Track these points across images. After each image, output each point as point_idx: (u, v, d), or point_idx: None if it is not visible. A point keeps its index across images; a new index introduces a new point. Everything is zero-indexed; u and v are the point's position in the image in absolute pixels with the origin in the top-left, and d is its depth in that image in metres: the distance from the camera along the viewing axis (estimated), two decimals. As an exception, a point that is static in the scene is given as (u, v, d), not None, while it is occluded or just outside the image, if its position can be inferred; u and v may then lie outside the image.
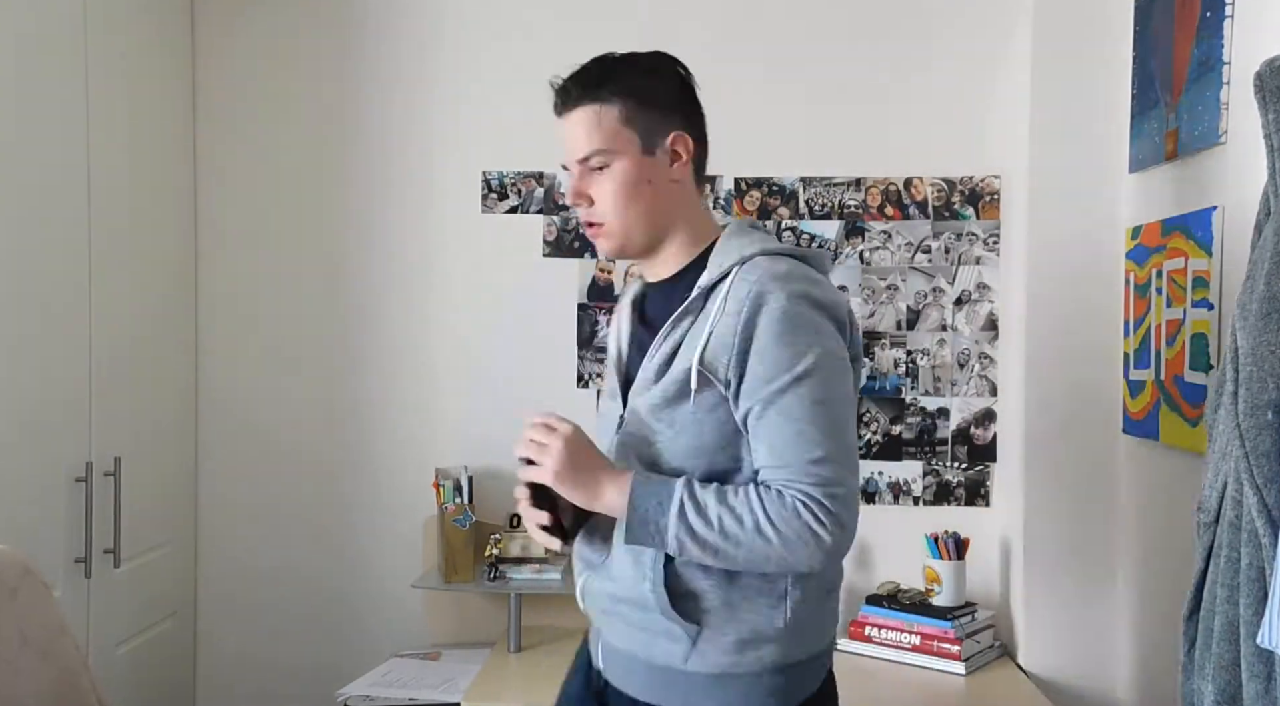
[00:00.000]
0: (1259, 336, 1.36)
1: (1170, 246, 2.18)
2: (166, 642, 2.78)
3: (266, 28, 2.89)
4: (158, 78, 2.73)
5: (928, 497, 2.78)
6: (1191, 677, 1.53)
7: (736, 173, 2.80)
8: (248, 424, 2.91)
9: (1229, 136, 1.94)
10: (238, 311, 2.91)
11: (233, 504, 2.91)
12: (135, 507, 2.52)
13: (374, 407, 2.88)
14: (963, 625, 2.50)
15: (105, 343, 2.44)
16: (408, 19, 2.85)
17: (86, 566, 2.35)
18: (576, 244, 2.83)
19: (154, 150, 2.71)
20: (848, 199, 2.78)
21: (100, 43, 2.42)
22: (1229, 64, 1.95)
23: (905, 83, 2.77)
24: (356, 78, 2.87)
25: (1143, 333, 2.32)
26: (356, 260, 2.88)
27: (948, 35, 2.76)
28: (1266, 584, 1.32)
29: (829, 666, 1.57)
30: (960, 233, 2.76)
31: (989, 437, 2.76)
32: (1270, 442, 1.32)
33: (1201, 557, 1.53)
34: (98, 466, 2.38)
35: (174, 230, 2.81)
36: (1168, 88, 2.20)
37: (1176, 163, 2.18)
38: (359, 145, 2.87)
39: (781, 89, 2.79)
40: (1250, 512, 1.34)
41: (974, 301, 2.76)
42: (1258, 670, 1.33)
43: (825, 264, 1.54)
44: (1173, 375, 2.15)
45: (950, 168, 2.76)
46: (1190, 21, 2.09)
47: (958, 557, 2.59)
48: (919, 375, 2.78)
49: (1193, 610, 1.55)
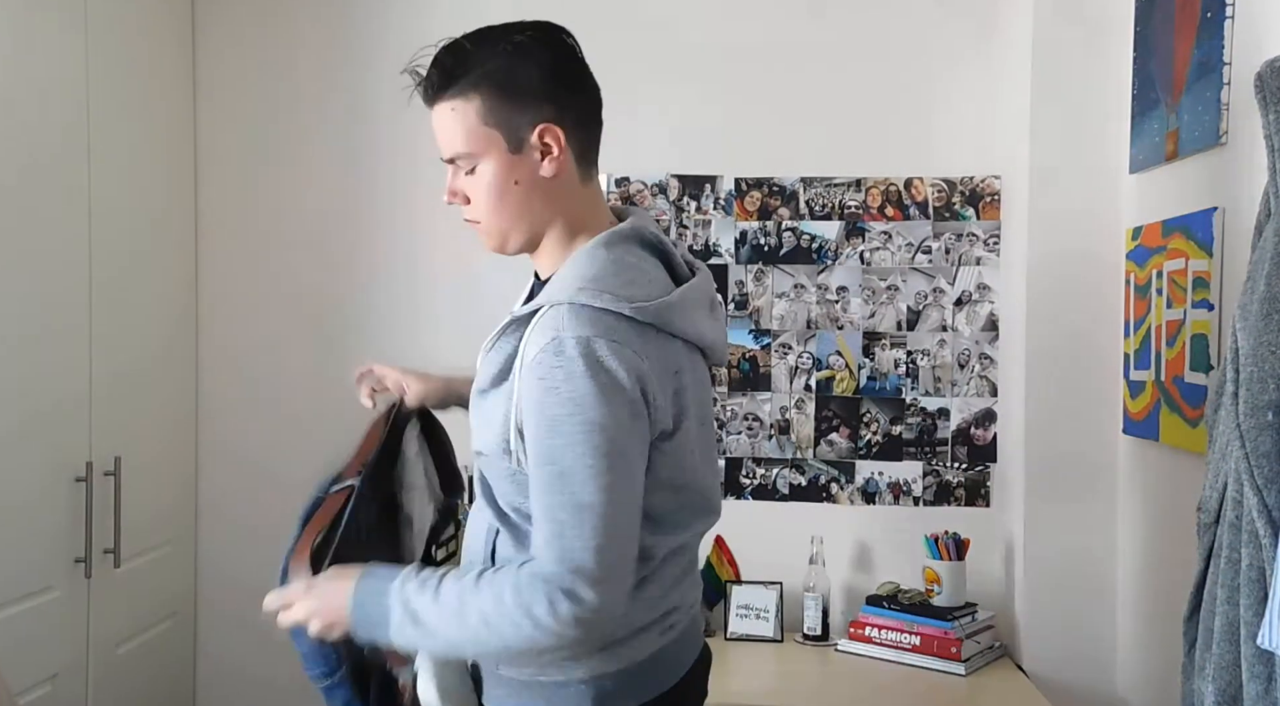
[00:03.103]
0: (1259, 337, 1.36)
1: (1171, 247, 2.18)
2: (166, 643, 2.78)
3: (267, 24, 2.89)
4: (158, 76, 2.73)
5: (928, 498, 2.78)
6: (1192, 678, 1.53)
7: (737, 173, 2.80)
8: (248, 423, 2.91)
9: (1229, 137, 1.94)
10: (238, 311, 2.91)
11: (233, 504, 2.91)
12: (135, 507, 2.52)
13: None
14: (963, 625, 2.50)
15: (105, 342, 2.43)
16: (408, 16, 2.85)
17: (86, 566, 2.34)
18: (577, 244, 2.83)
19: (154, 148, 2.71)
20: (848, 199, 2.78)
21: (101, 39, 2.42)
22: (1229, 64, 1.95)
23: (905, 83, 2.77)
24: (358, 74, 2.87)
25: (1143, 333, 2.32)
26: (357, 258, 2.88)
27: (948, 35, 2.76)
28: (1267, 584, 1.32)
29: (665, 677, 1.47)
30: (960, 233, 2.76)
31: (989, 438, 2.76)
32: (1270, 443, 1.32)
33: (1202, 558, 1.53)
34: (98, 466, 2.38)
35: (174, 229, 2.81)
36: (1168, 88, 2.20)
37: (1177, 163, 2.18)
38: (360, 141, 2.87)
39: (782, 89, 2.79)
40: (1250, 513, 1.34)
41: (974, 302, 2.76)
42: (1258, 671, 1.33)
43: (662, 318, 1.35)
44: (1173, 376, 2.15)
45: (950, 168, 2.76)
46: (1190, 22, 2.09)
47: (958, 558, 2.59)
48: (919, 375, 2.78)
49: (1193, 610, 1.55)
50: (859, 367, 2.78)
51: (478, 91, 1.37)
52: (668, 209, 2.81)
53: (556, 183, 1.41)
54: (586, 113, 1.43)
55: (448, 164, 1.44)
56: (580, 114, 1.42)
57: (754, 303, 2.80)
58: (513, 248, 1.46)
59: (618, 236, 1.42)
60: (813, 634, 2.65)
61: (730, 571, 2.74)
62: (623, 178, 2.82)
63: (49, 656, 2.25)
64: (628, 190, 2.82)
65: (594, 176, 1.47)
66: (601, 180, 2.81)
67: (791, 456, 2.80)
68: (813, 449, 2.80)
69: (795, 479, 2.80)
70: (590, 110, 1.44)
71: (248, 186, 2.90)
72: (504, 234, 1.44)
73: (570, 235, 1.44)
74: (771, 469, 2.81)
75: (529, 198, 1.40)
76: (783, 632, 2.67)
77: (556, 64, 1.40)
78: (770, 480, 2.81)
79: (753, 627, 2.67)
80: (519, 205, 1.41)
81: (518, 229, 1.43)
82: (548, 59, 1.39)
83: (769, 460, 2.81)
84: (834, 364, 2.79)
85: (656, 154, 2.81)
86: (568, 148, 1.39)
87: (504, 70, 1.37)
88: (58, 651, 2.29)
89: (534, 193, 1.40)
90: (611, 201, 2.81)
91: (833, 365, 2.79)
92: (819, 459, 2.80)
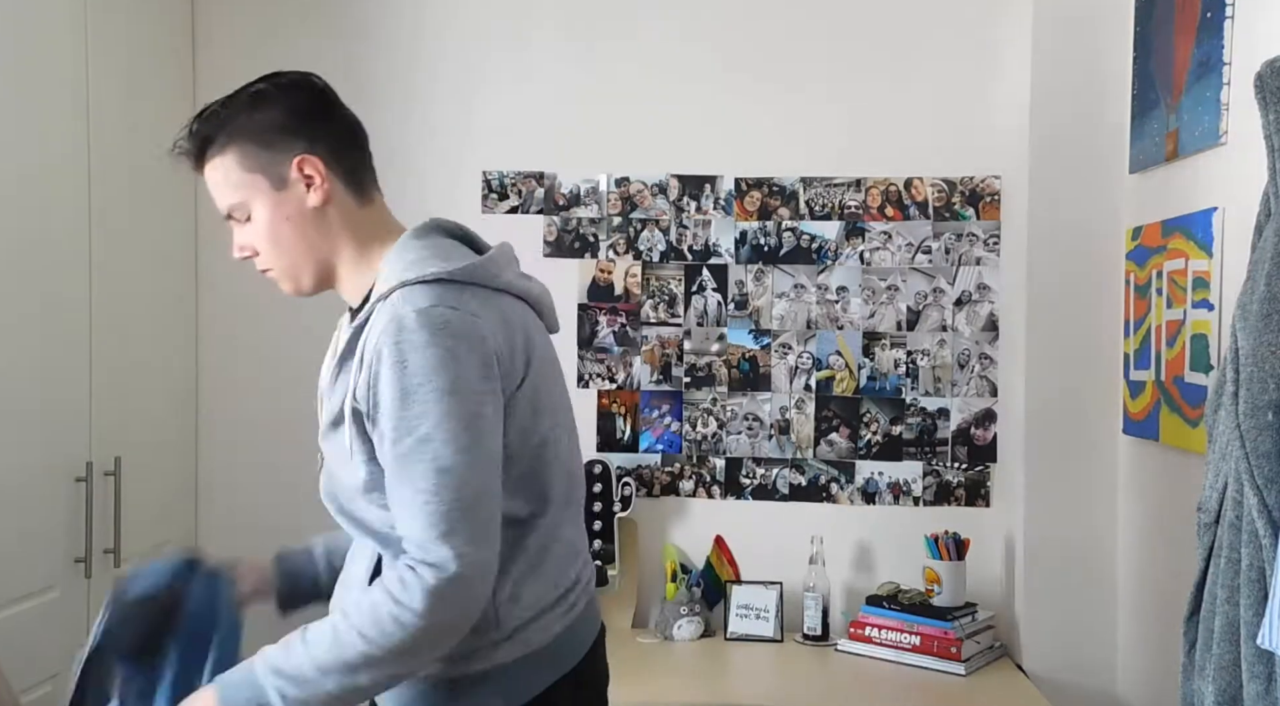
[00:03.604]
0: (1259, 337, 1.36)
1: (1170, 247, 2.18)
2: (166, 642, 2.78)
3: (267, 26, 2.89)
4: (158, 76, 2.73)
5: (928, 498, 2.78)
6: (1192, 678, 1.53)
7: (737, 173, 2.80)
8: (248, 423, 2.90)
9: (1229, 137, 1.94)
10: (238, 311, 2.91)
11: (233, 504, 2.91)
12: (135, 507, 2.52)
13: (374, 408, 2.88)
14: (963, 625, 2.50)
15: (105, 342, 2.43)
16: (408, 18, 2.85)
17: (86, 566, 2.34)
18: (577, 244, 2.83)
19: (154, 148, 2.70)
20: (848, 199, 2.78)
21: (100, 39, 2.42)
22: (1229, 64, 1.95)
23: (905, 83, 2.77)
24: (357, 77, 2.87)
25: (1143, 333, 2.32)
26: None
27: (948, 35, 2.76)
28: (1267, 584, 1.32)
29: (569, 656, 1.48)
30: (960, 233, 2.76)
31: (989, 438, 2.76)
32: (1271, 443, 1.32)
33: (1202, 558, 1.53)
34: (98, 466, 2.38)
35: (174, 229, 2.81)
36: (1168, 88, 2.20)
37: (1177, 163, 2.18)
38: (359, 145, 2.87)
39: (782, 89, 2.79)
40: (1251, 513, 1.34)
41: (974, 302, 2.76)
42: (1258, 671, 1.33)
43: (486, 273, 1.42)
44: (1173, 376, 2.15)
45: (950, 168, 2.76)
46: (1190, 22, 2.09)
47: (958, 558, 2.59)
48: (919, 375, 2.78)
49: (1193, 610, 1.55)
50: (859, 367, 2.78)
51: (232, 143, 1.45)
52: (668, 209, 2.81)
53: (329, 210, 1.46)
54: (342, 139, 1.49)
55: (228, 221, 1.50)
56: (335, 142, 1.47)
57: (754, 303, 2.80)
58: (308, 284, 1.50)
59: (422, 229, 1.49)
60: (813, 634, 2.65)
61: (730, 571, 2.74)
62: (623, 178, 2.82)
63: (49, 656, 2.25)
64: (628, 190, 2.82)
65: (373, 196, 1.52)
66: (601, 180, 2.81)
67: (791, 456, 2.80)
68: (813, 449, 2.80)
69: (795, 479, 2.80)
70: (345, 136, 1.50)
71: (248, 186, 2.90)
72: (293, 272, 1.49)
73: (363, 255, 1.48)
74: (771, 469, 2.81)
75: (303, 230, 1.46)
76: (783, 632, 2.67)
77: (296, 102, 1.47)
78: (770, 480, 2.81)
79: (753, 627, 2.67)
80: (295, 239, 1.46)
81: (304, 264, 1.48)
82: (287, 99, 1.46)
83: (769, 460, 2.81)
84: (834, 364, 2.79)
85: (656, 154, 2.81)
86: (329, 175, 1.45)
87: (248, 119, 1.45)
88: (58, 651, 2.28)
89: (307, 224, 1.46)
90: (611, 202, 2.81)
91: (833, 365, 2.79)
92: (819, 459, 2.80)
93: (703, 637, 2.68)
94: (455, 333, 1.33)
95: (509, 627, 1.41)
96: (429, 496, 1.30)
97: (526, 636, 1.42)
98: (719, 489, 2.82)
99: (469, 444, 1.32)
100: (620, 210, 2.82)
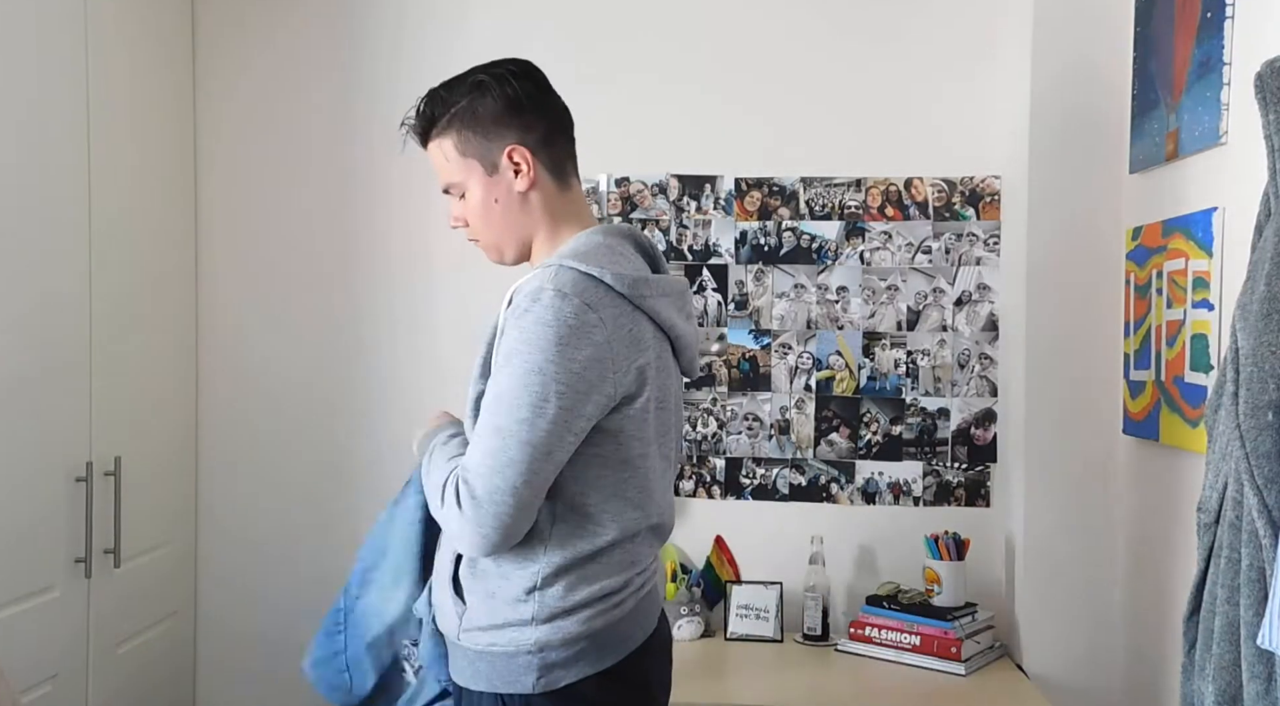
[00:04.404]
0: (1259, 337, 1.36)
1: (1171, 247, 2.18)
2: (166, 642, 2.78)
3: (268, 25, 2.89)
4: (158, 75, 2.73)
5: (928, 498, 2.78)
6: (1192, 678, 1.53)
7: (737, 173, 2.80)
8: (248, 423, 2.91)
9: (1229, 137, 1.94)
10: (238, 311, 2.91)
11: (233, 504, 2.91)
12: (135, 507, 2.52)
13: (376, 406, 2.88)
14: (963, 625, 2.50)
15: (105, 342, 2.44)
16: (409, 17, 2.85)
17: (86, 566, 2.35)
18: (577, 244, 2.83)
19: (154, 148, 2.71)
20: (848, 199, 2.78)
21: (101, 39, 2.42)
22: (1229, 64, 1.95)
23: (905, 83, 2.77)
24: (358, 76, 2.87)
25: (1143, 333, 2.32)
26: (358, 259, 2.89)
27: (948, 35, 2.76)
28: (1267, 584, 1.32)
29: (610, 652, 1.56)
30: (960, 233, 2.76)
31: (989, 438, 2.76)
32: (1271, 443, 1.32)
33: (1202, 558, 1.53)
34: (98, 466, 2.38)
35: (174, 229, 2.81)
36: (1168, 88, 2.20)
37: (1177, 163, 2.18)
38: (360, 144, 2.87)
39: (782, 89, 2.79)
40: (1251, 513, 1.35)
41: (974, 302, 2.76)
42: (1258, 671, 1.33)
43: (636, 290, 1.53)
44: (1173, 376, 2.15)
45: (950, 168, 2.76)
46: (1190, 22, 2.09)
47: (958, 558, 2.59)
48: (919, 375, 2.78)
49: (1193, 610, 1.55)
50: (859, 367, 2.78)
51: (451, 127, 1.61)
52: (668, 209, 2.81)
53: (533, 194, 1.62)
54: (551, 131, 1.64)
55: (446, 193, 1.67)
56: (544, 133, 1.62)
57: (754, 303, 2.80)
58: (510, 257, 1.68)
59: (613, 229, 1.64)
60: (813, 634, 2.65)
61: (730, 571, 2.74)
62: (623, 178, 2.82)
63: (49, 656, 2.25)
64: (628, 190, 2.82)
65: (572, 184, 1.67)
66: (601, 180, 2.82)
67: (791, 456, 2.80)
68: (813, 449, 2.80)
69: (795, 479, 2.80)
70: (554, 128, 1.65)
71: (248, 187, 2.90)
72: (498, 245, 1.66)
73: (555, 236, 1.64)
74: (771, 469, 2.81)
75: (509, 210, 1.63)
76: (783, 632, 2.67)
77: (514, 94, 1.60)
78: (770, 480, 2.81)
79: (753, 627, 2.67)
80: (503, 218, 1.63)
81: (508, 239, 1.65)
82: (505, 92, 1.60)
83: (769, 460, 2.81)
84: (834, 364, 2.79)
85: (656, 154, 2.81)
86: (537, 163, 1.61)
87: (468, 108, 1.60)
88: (58, 651, 2.29)
89: (514, 206, 1.63)
90: (611, 202, 2.82)
91: (833, 365, 2.79)
92: (819, 459, 2.80)
93: (703, 637, 2.68)
94: (575, 325, 1.46)
95: (546, 611, 1.52)
96: (478, 442, 1.49)
97: (563, 624, 1.52)
98: (719, 489, 2.82)
99: (528, 419, 1.45)
100: (620, 210, 2.82)
